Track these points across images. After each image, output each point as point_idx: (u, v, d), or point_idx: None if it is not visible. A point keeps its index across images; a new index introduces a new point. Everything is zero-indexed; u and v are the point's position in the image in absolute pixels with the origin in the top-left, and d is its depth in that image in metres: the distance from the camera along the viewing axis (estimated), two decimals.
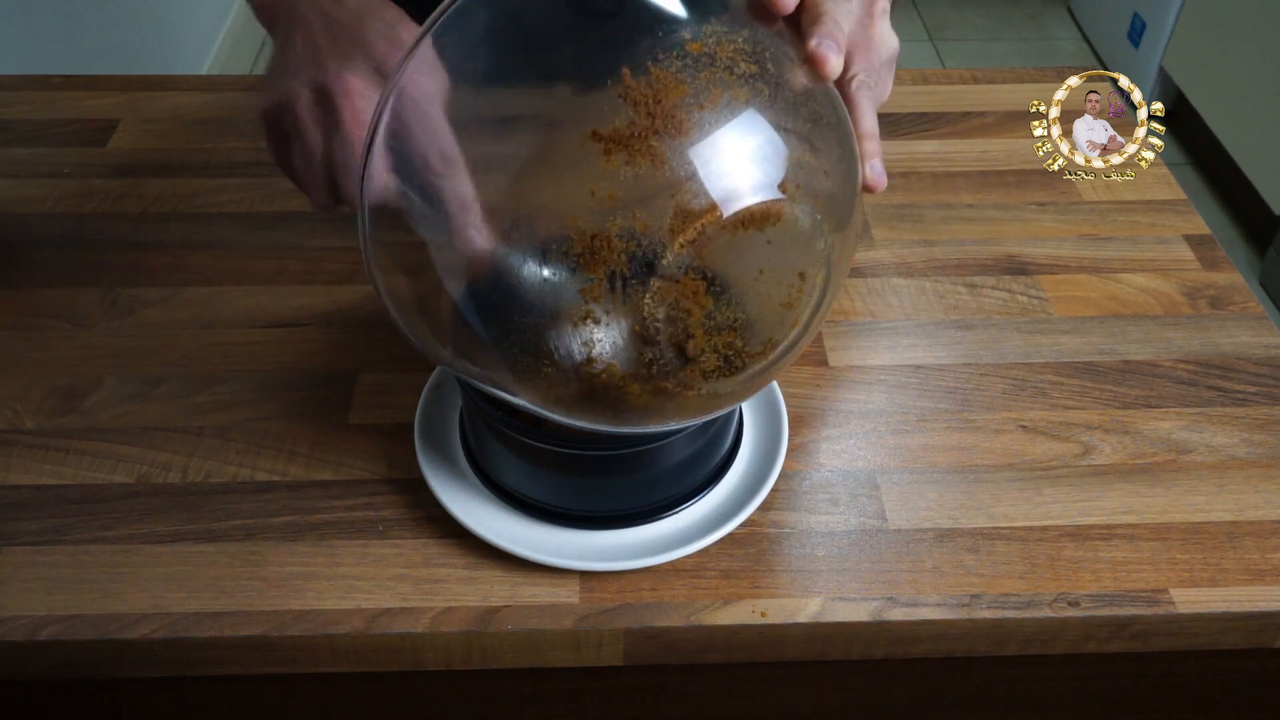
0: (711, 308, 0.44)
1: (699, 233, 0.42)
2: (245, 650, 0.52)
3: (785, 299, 0.46)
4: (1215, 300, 0.71)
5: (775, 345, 0.47)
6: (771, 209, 0.43)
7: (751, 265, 0.44)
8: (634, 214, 0.42)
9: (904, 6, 2.71)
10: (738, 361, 0.45)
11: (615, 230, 0.42)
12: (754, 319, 0.45)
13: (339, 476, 0.59)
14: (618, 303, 0.43)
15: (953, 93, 0.91)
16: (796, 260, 0.45)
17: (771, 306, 0.46)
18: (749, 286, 0.45)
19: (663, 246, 0.42)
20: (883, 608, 0.53)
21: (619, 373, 0.44)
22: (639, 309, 0.43)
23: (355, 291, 0.70)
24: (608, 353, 0.44)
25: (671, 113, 0.41)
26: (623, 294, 0.42)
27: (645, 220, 0.42)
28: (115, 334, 0.67)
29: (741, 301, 0.44)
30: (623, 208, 0.42)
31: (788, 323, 0.46)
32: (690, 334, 0.44)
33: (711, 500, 0.57)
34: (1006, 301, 0.71)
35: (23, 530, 0.56)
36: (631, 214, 0.42)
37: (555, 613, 0.53)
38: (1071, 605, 0.53)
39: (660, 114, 0.41)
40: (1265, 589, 0.54)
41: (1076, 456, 0.61)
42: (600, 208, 0.42)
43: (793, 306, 0.46)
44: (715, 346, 0.44)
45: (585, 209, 0.42)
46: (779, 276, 0.45)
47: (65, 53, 1.55)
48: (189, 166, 0.81)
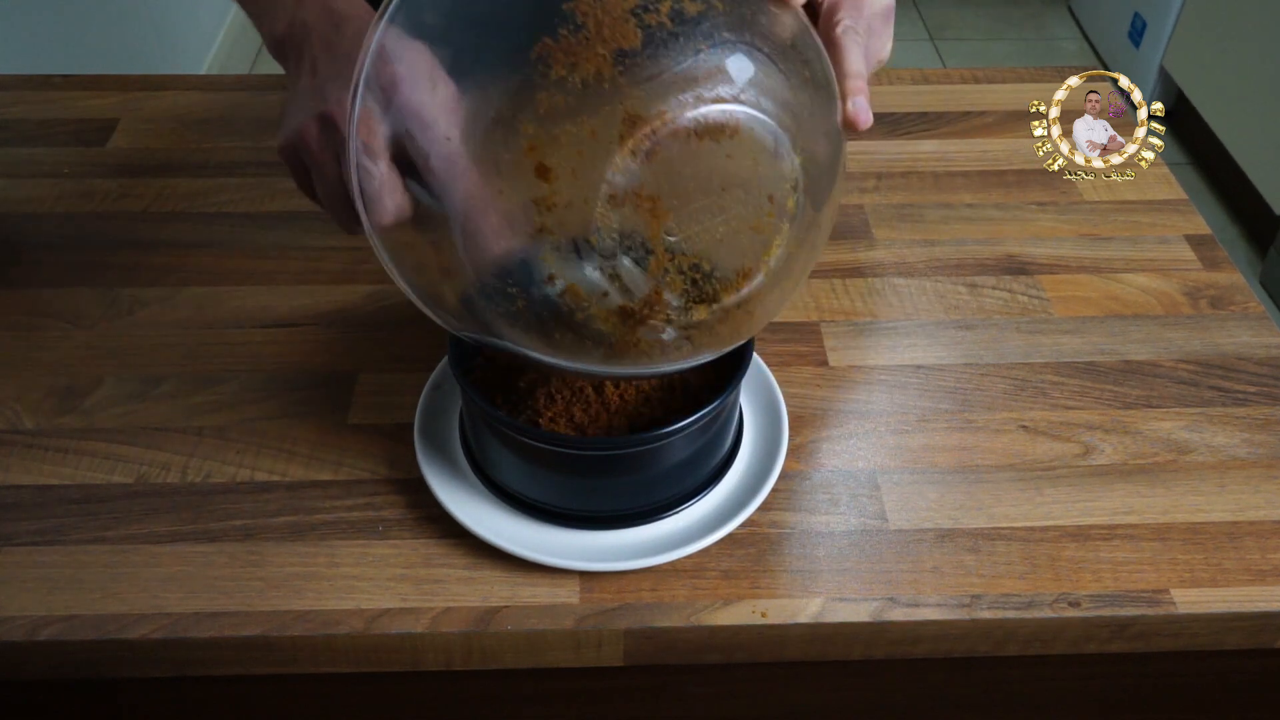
0: (671, 224, 0.43)
1: (648, 139, 0.41)
2: (245, 650, 0.52)
3: (754, 222, 0.45)
4: (1216, 300, 0.71)
5: (749, 275, 0.46)
6: (727, 119, 0.42)
7: (711, 181, 0.43)
8: (583, 120, 0.42)
9: (904, 6, 2.71)
10: (708, 288, 0.45)
11: (564, 137, 0.41)
12: (722, 241, 0.44)
13: (339, 476, 0.59)
14: (573, 214, 0.42)
15: (953, 93, 0.91)
16: (763, 181, 0.44)
17: (740, 230, 0.45)
18: (711, 204, 0.44)
19: (613, 154, 0.41)
20: (883, 608, 0.53)
21: (581, 294, 0.44)
22: (591, 221, 0.42)
23: (355, 291, 0.70)
24: (567, 271, 0.43)
25: (619, 21, 0.41)
26: (579, 205, 0.42)
27: (594, 128, 0.41)
28: (115, 334, 0.67)
29: (704, 220, 0.44)
30: (572, 115, 0.41)
31: (759, 250, 0.45)
32: (649, 250, 0.43)
33: (711, 500, 0.57)
34: (1007, 301, 0.71)
35: (23, 530, 0.56)
36: (581, 120, 0.41)
37: (555, 613, 0.53)
38: (1072, 605, 0.53)
39: (608, 22, 0.41)
40: (1266, 589, 0.54)
41: (1077, 456, 0.61)
42: (550, 114, 0.41)
43: (762, 231, 0.45)
44: (680, 267, 0.44)
45: (534, 119, 0.42)
46: (745, 197, 0.44)
47: (65, 53, 1.55)
48: (189, 166, 0.81)
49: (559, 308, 0.44)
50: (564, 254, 0.44)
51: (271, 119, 0.86)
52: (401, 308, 0.69)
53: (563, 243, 0.43)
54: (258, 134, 0.84)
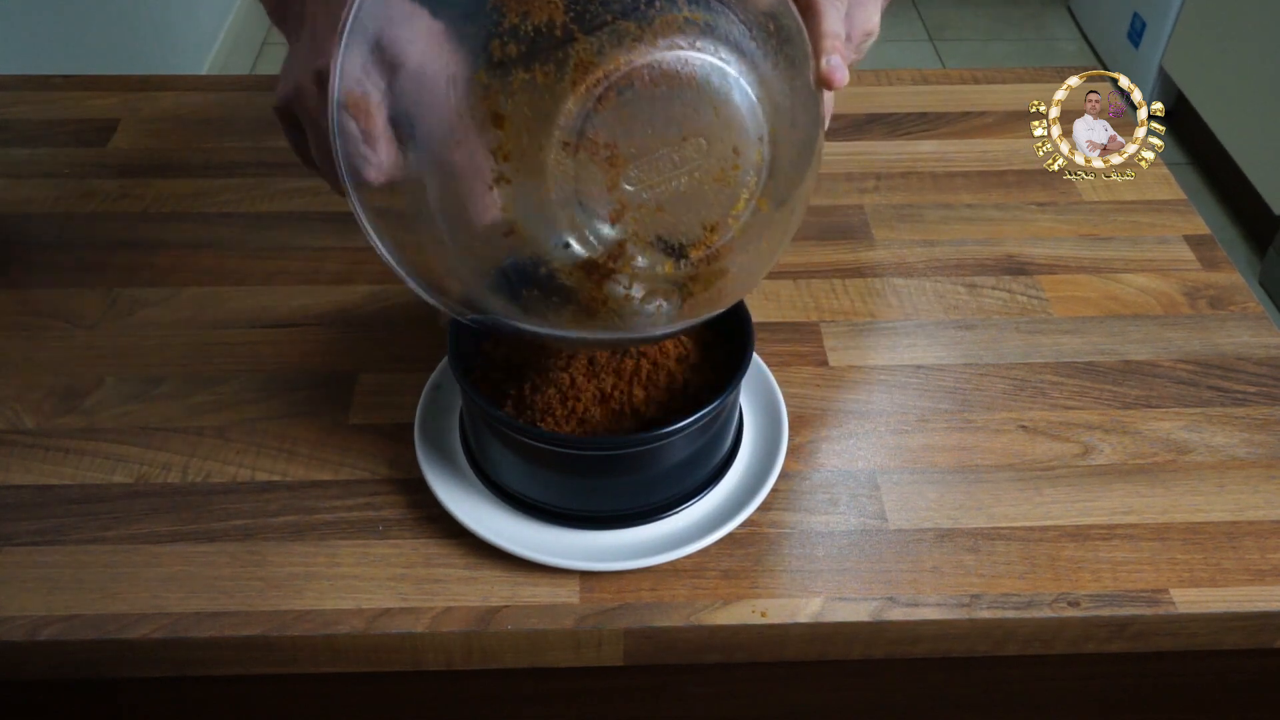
0: (632, 173, 0.42)
1: (601, 84, 0.41)
2: (245, 650, 0.52)
3: (717, 174, 0.44)
4: (1215, 300, 0.71)
5: (716, 230, 0.45)
6: (682, 66, 0.42)
7: (669, 130, 0.43)
8: (535, 67, 0.41)
9: (904, 7, 2.72)
10: (674, 242, 0.44)
11: (516, 84, 0.41)
12: (685, 193, 0.44)
13: (339, 476, 0.59)
14: (528, 162, 0.42)
15: (953, 93, 0.91)
16: (725, 131, 0.44)
17: (704, 181, 0.44)
18: (671, 154, 0.43)
19: (565, 100, 0.41)
20: (883, 608, 0.53)
21: (542, 245, 0.43)
22: (547, 168, 0.42)
23: (355, 291, 0.70)
24: (527, 221, 0.43)
25: None
26: (534, 153, 0.42)
27: (545, 74, 0.41)
28: (115, 334, 0.67)
29: (665, 170, 0.43)
30: (524, 62, 0.41)
31: (726, 203, 0.45)
32: (609, 201, 0.42)
33: (711, 500, 0.57)
34: (1006, 301, 0.71)
35: (23, 530, 0.56)
36: (533, 67, 0.41)
37: (555, 613, 0.53)
38: (1071, 605, 0.53)
39: None
40: (1265, 589, 0.54)
41: (1076, 456, 0.61)
42: (503, 62, 0.41)
43: (728, 184, 0.44)
44: (642, 218, 0.43)
45: (488, 67, 0.42)
46: (706, 148, 0.44)
47: (65, 53, 1.55)
48: (189, 166, 0.81)
49: (522, 263, 0.44)
50: (523, 204, 0.43)
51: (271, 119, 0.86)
52: (402, 308, 0.69)
53: (521, 193, 0.43)
54: (258, 134, 0.84)
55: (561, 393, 0.55)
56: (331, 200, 0.78)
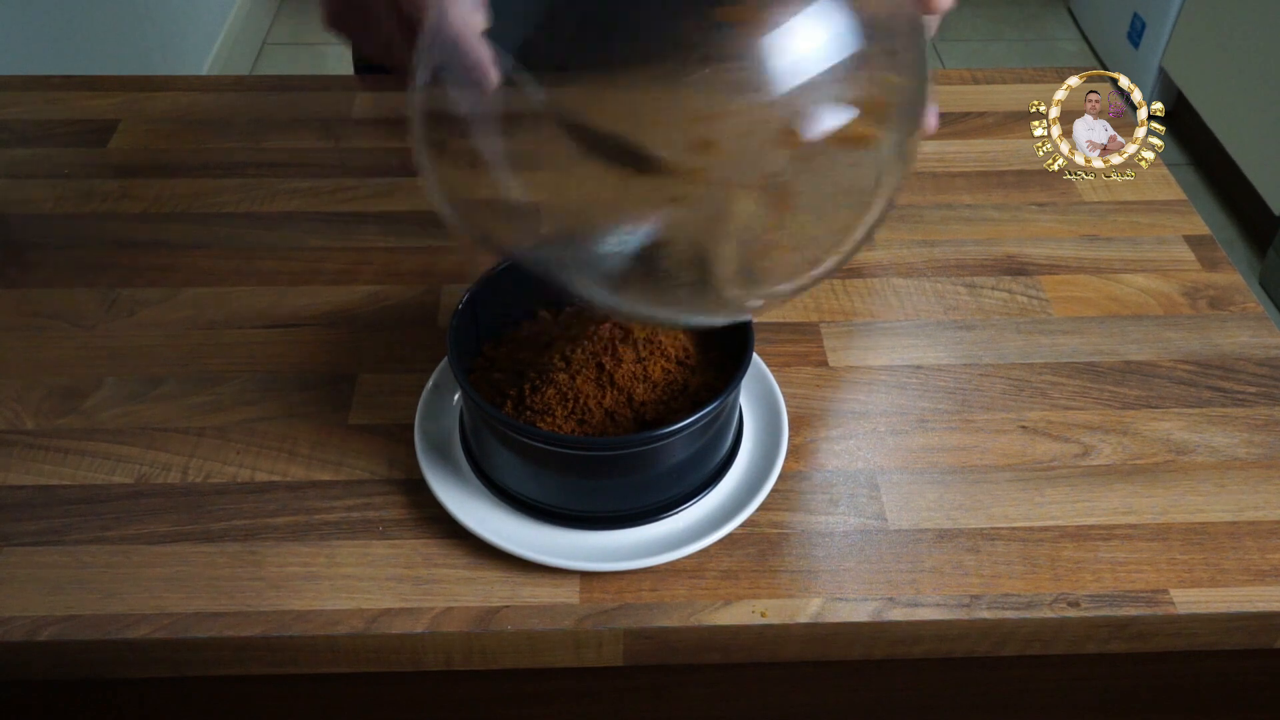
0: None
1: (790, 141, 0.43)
2: (245, 650, 0.52)
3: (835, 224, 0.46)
4: (1215, 300, 0.71)
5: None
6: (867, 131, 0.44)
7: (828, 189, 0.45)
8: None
9: None
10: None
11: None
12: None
13: (339, 476, 0.59)
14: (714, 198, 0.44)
15: (953, 93, 0.91)
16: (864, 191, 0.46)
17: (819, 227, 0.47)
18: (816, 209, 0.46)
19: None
20: (882, 608, 0.53)
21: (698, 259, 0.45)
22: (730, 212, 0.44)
23: (355, 291, 0.70)
24: (684, 242, 0.45)
25: None
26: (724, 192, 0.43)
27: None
28: (115, 334, 0.67)
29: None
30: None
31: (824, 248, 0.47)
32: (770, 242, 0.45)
33: (711, 500, 0.57)
34: (1006, 302, 0.71)
35: (23, 530, 0.56)
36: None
37: (555, 613, 0.53)
38: (1071, 606, 0.53)
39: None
40: (1265, 589, 0.54)
41: (1076, 457, 0.61)
42: None
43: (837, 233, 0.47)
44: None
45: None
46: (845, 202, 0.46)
47: (65, 53, 1.55)
48: (189, 166, 0.81)
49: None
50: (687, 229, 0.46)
51: (272, 119, 0.86)
52: (401, 308, 0.69)
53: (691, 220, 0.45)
54: (258, 134, 0.84)
55: (561, 393, 0.55)
56: (331, 200, 0.78)
